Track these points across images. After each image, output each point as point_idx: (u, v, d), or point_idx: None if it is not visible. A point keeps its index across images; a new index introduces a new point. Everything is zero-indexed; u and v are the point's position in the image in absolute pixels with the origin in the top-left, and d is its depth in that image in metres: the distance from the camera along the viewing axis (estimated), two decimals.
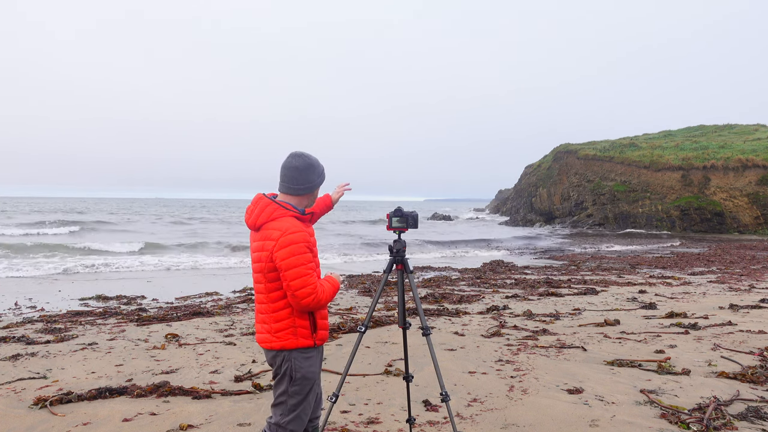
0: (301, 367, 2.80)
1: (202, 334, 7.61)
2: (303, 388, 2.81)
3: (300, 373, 2.80)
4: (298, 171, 2.82)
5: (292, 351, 2.80)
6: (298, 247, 2.67)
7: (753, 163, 40.30)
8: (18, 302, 10.53)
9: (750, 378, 5.32)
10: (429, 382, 5.25)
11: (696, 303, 10.25)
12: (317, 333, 2.86)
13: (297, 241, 2.67)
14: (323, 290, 2.77)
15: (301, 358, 2.81)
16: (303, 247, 2.68)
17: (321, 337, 2.89)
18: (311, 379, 2.84)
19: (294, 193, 2.85)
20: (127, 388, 4.97)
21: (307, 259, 2.68)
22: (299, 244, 2.67)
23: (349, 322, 8.09)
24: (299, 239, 2.68)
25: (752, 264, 18.60)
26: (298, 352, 2.80)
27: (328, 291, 2.82)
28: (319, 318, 2.88)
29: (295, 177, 2.82)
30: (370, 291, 11.89)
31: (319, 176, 2.89)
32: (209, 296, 11.53)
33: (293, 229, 2.69)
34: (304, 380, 2.81)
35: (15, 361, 6.13)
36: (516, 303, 10.36)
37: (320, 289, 2.75)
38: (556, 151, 55.78)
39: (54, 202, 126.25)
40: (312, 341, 2.83)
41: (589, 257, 21.97)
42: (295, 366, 2.80)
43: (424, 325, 3.26)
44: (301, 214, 2.82)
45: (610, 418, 4.34)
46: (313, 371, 2.86)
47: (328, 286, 2.84)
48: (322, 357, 3.00)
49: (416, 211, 3.39)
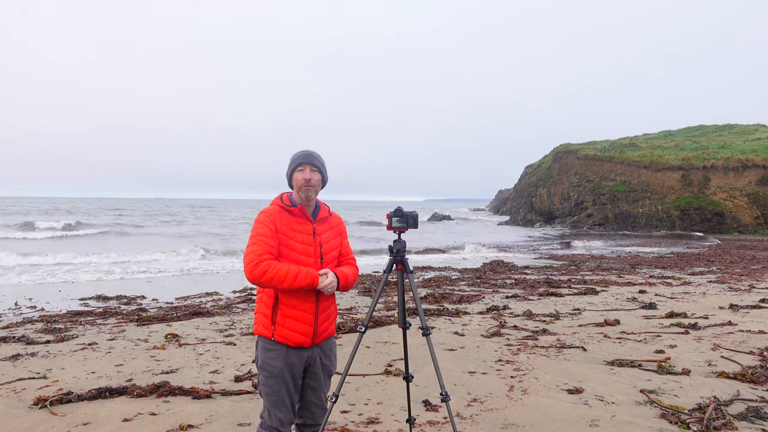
0: (261, 356, 2.87)
1: (202, 334, 7.61)
2: (267, 380, 2.83)
3: (260, 360, 2.87)
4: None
5: (259, 337, 2.92)
6: (256, 223, 2.86)
7: (753, 163, 40.32)
8: (18, 302, 10.53)
9: (750, 378, 5.32)
10: (429, 382, 5.25)
11: (696, 303, 10.25)
12: (276, 328, 2.82)
13: (257, 219, 2.88)
14: (274, 266, 2.72)
15: (263, 348, 2.87)
16: (260, 224, 2.84)
17: (281, 334, 2.81)
18: (271, 372, 2.81)
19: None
20: (127, 388, 4.97)
21: (258, 232, 2.81)
22: (258, 221, 2.86)
23: (349, 322, 8.09)
24: (259, 218, 2.87)
25: (752, 264, 18.60)
26: (261, 340, 2.90)
27: (282, 269, 2.71)
28: (282, 314, 2.81)
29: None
30: (370, 291, 11.89)
31: (289, 167, 3.00)
32: (209, 296, 11.53)
33: (261, 211, 2.93)
34: (263, 371, 2.85)
35: (15, 361, 6.13)
36: (516, 303, 10.36)
37: (268, 262, 2.73)
38: (556, 151, 55.79)
39: (61, 202, 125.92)
40: (269, 333, 2.83)
41: (589, 257, 21.97)
42: (258, 353, 2.90)
43: (424, 325, 3.26)
44: (280, 202, 2.97)
45: (610, 418, 4.34)
46: (275, 366, 2.81)
47: (287, 268, 2.73)
48: (296, 361, 2.85)
49: (416, 211, 3.39)
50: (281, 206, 2.93)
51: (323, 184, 3.01)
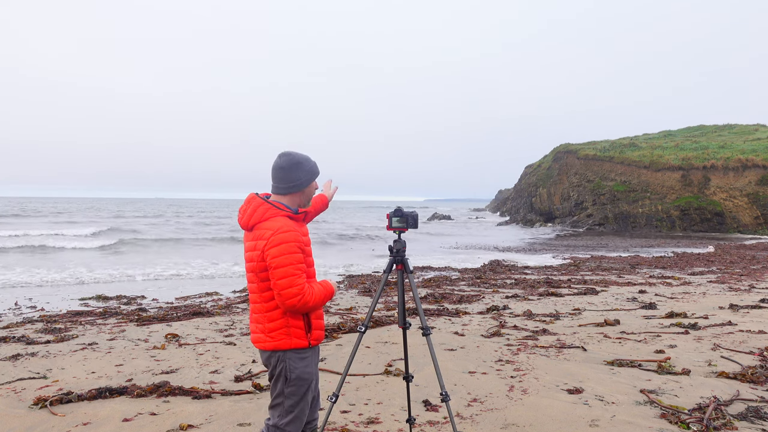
0: (296, 367, 2.77)
1: (202, 334, 7.61)
2: (299, 389, 2.78)
3: (295, 373, 2.76)
4: (283, 170, 2.81)
5: (286, 351, 2.77)
6: (289, 247, 2.64)
7: (753, 163, 40.32)
8: (18, 302, 10.54)
9: (750, 378, 5.32)
10: (429, 382, 5.25)
11: (696, 303, 10.25)
12: (312, 333, 2.81)
13: (288, 240, 2.64)
14: (312, 293, 2.71)
15: (296, 359, 2.77)
16: (293, 246, 2.65)
17: (316, 337, 2.84)
18: (307, 380, 2.80)
19: (283, 192, 2.83)
20: (127, 388, 4.97)
21: (296, 260, 2.65)
22: (290, 243, 2.64)
23: (349, 322, 8.09)
24: (290, 239, 2.65)
25: (752, 264, 18.60)
26: (292, 353, 2.77)
27: (318, 295, 2.74)
28: (314, 318, 2.83)
29: (281, 176, 2.82)
30: (370, 291, 11.89)
31: (306, 173, 2.84)
32: (209, 296, 11.53)
33: (285, 228, 2.66)
34: (299, 381, 2.77)
35: (15, 361, 6.13)
36: (516, 303, 10.36)
37: (308, 291, 2.69)
38: (556, 151, 55.79)
39: (69, 203, 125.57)
40: (307, 342, 2.78)
41: (589, 257, 21.97)
42: (290, 367, 2.77)
43: (424, 325, 3.26)
44: (294, 213, 2.80)
45: (610, 418, 4.34)
46: (309, 372, 2.81)
47: (319, 290, 2.76)
48: (319, 357, 2.95)
49: (416, 211, 3.39)
50: (293, 216, 2.82)
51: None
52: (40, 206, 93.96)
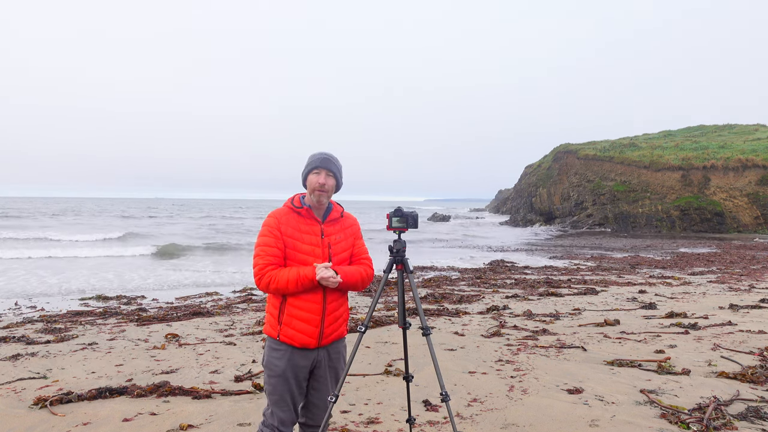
0: (267, 354, 2.90)
1: (202, 334, 7.61)
2: (269, 378, 2.88)
3: (266, 359, 2.90)
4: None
5: (267, 336, 2.94)
6: (261, 230, 2.88)
7: (753, 163, 40.32)
8: (18, 302, 10.54)
9: (750, 378, 5.32)
10: (429, 382, 5.25)
11: (696, 303, 10.25)
12: (281, 327, 2.84)
13: (264, 225, 2.88)
14: (274, 275, 2.77)
15: (269, 347, 2.90)
16: (265, 230, 2.86)
17: (286, 334, 2.82)
18: (274, 371, 2.84)
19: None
20: (127, 388, 4.97)
21: (263, 242, 2.83)
22: (263, 227, 2.87)
23: (349, 322, 8.09)
24: (264, 223, 2.88)
25: (752, 264, 18.60)
26: (269, 339, 2.93)
27: (282, 278, 2.76)
28: (288, 315, 2.82)
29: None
30: (370, 291, 11.89)
31: (304, 168, 2.99)
32: (209, 296, 11.54)
33: (269, 214, 2.93)
34: (267, 369, 2.89)
35: (15, 361, 6.13)
36: (516, 303, 10.36)
37: (269, 272, 2.77)
38: (556, 151, 55.77)
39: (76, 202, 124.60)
40: (275, 333, 2.86)
41: (589, 257, 21.97)
42: (265, 351, 2.94)
43: (424, 325, 3.26)
44: (290, 203, 2.95)
45: (610, 418, 4.34)
46: (277, 366, 2.84)
47: (287, 275, 2.76)
48: (304, 362, 2.87)
49: (416, 211, 3.39)
50: (290, 208, 2.94)
51: (337, 189, 2.99)
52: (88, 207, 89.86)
